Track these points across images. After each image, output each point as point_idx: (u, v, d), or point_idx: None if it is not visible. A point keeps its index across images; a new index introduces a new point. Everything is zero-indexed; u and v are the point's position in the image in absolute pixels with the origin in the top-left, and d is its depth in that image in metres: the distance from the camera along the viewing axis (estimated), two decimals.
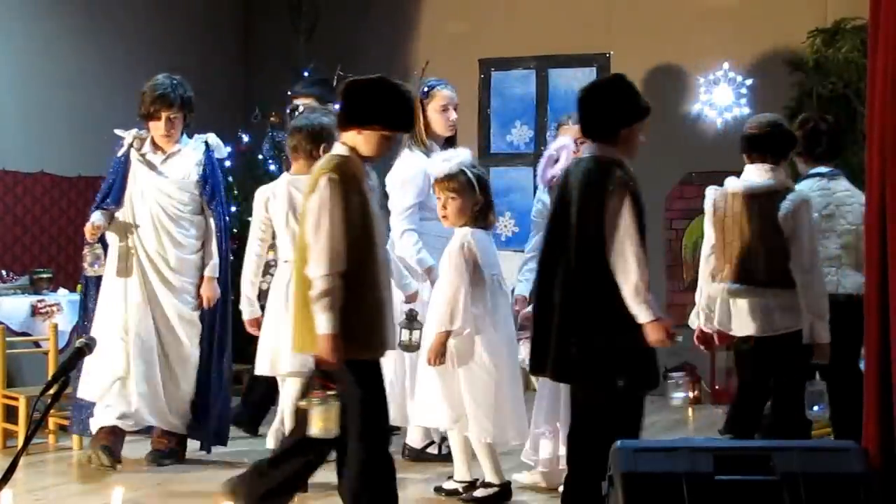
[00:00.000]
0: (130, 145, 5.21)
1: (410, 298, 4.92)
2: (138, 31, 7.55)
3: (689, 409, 7.02)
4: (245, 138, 7.78)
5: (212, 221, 5.27)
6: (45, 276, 6.33)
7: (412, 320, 4.70)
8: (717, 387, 7.31)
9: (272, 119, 7.72)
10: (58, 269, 6.85)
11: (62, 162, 7.07)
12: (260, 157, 7.74)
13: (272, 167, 7.61)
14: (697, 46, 7.52)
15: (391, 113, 3.71)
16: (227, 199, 5.65)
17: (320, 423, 3.54)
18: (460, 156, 4.55)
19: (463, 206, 4.48)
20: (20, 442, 5.36)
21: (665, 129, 7.16)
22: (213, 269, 5.27)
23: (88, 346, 3.36)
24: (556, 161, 4.81)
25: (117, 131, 5.25)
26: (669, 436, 6.02)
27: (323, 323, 3.54)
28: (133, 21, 7.55)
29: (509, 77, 8.09)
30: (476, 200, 4.49)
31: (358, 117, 3.68)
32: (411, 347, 4.72)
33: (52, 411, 4.70)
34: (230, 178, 7.68)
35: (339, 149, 3.74)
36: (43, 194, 6.98)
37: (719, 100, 7.47)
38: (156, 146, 5.23)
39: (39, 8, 7.00)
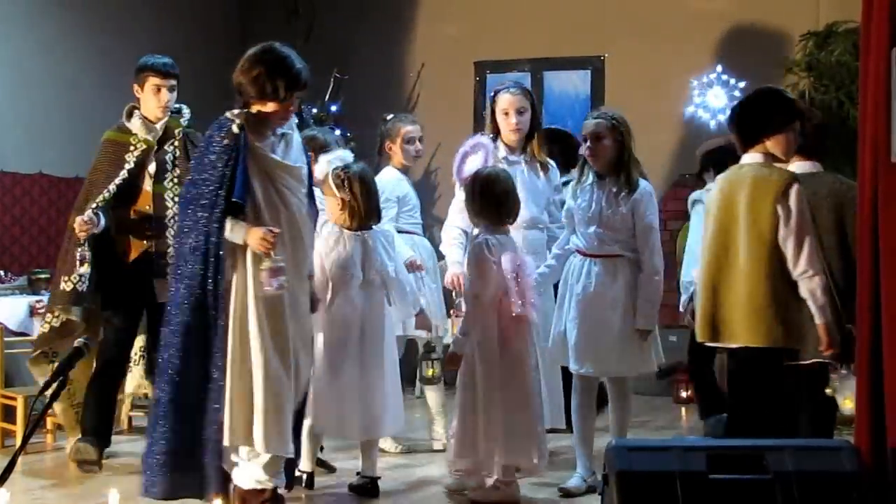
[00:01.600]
0: (242, 127, 4.09)
1: (420, 322, 4.93)
2: (136, 33, 7.57)
3: (684, 409, 7.06)
4: None
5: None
6: (42, 276, 6.36)
7: (430, 352, 4.75)
8: None
9: None
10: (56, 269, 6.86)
11: (60, 163, 7.09)
12: None
13: None
14: (691, 49, 7.56)
15: (796, 110, 4.18)
16: None
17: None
18: (329, 157, 4.70)
19: (330, 205, 4.64)
20: (18, 441, 5.38)
21: (659, 131, 7.20)
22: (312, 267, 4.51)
23: (87, 346, 3.39)
24: (475, 157, 4.84)
25: (229, 114, 4.14)
26: (664, 435, 6.06)
27: (826, 314, 3.96)
28: (131, 23, 7.58)
29: (505, 79, 8.12)
30: (339, 200, 4.59)
31: (773, 125, 4.11)
32: (433, 381, 4.76)
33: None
34: None
35: (756, 158, 4.12)
36: (41, 195, 7.00)
37: (713, 102, 7.51)
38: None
39: (38, 9, 7.02)
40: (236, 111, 4.09)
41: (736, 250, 4.06)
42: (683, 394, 7.24)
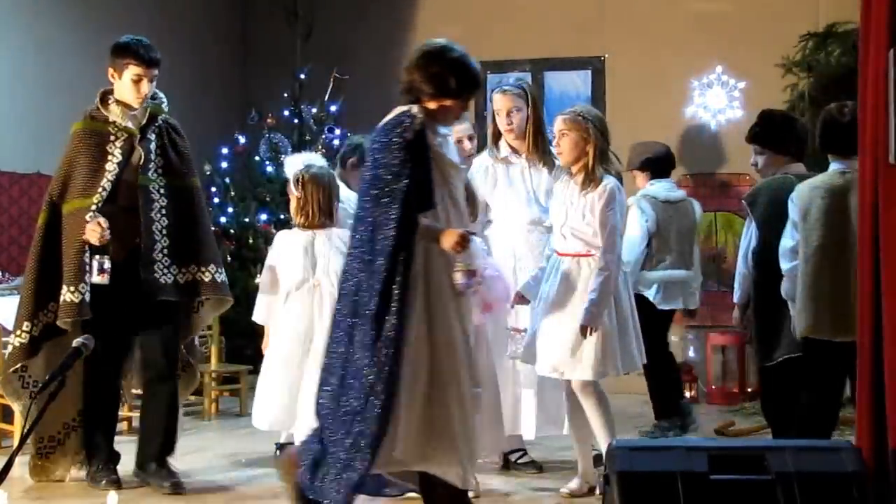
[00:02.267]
0: (423, 124, 3.87)
1: None
2: (136, 32, 7.53)
3: None
4: (241, 140, 7.81)
5: None
6: None
7: None
8: (713, 387, 7.36)
9: (269, 121, 7.75)
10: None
11: None
12: (256, 158, 7.77)
13: (269, 169, 7.64)
14: (691, 50, 7.56)
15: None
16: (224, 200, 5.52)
17: None
18: (296, 158, 5.03)
19: (292, 204, 4.97)
20: (16, 442, 5.37)
21: (659, 131, 7.19)
22: None
23: (86, 346, 3.38)
24: None
25: (412, 109, 3.92)
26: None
27: None
28: (130, 22, 7.54)
29: (505, 80, 8.12)
30: (297, 200, 4.91)
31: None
32: None
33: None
34: (227, 180, 7.72)
35: (856, 166, 4.10)
36: (39, 195, 6.97)
37: (713, 102, 7.51)
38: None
39: (36, 8, 7.01)
40: (415, 108, 3.90)
41: (851, 251, 4.12)
42: (686, 394, 7.23)
